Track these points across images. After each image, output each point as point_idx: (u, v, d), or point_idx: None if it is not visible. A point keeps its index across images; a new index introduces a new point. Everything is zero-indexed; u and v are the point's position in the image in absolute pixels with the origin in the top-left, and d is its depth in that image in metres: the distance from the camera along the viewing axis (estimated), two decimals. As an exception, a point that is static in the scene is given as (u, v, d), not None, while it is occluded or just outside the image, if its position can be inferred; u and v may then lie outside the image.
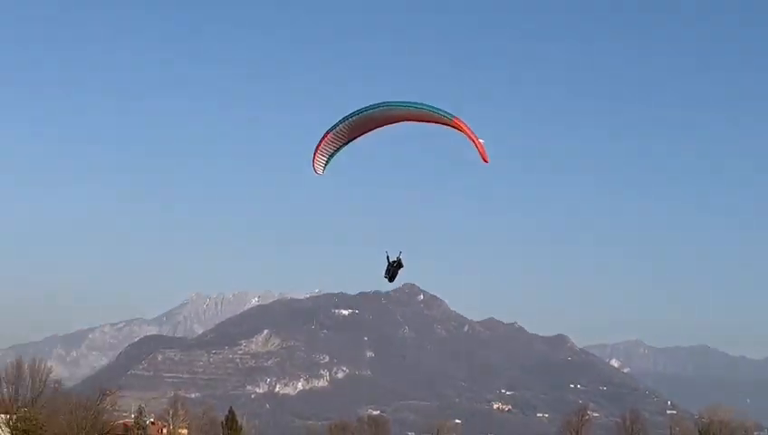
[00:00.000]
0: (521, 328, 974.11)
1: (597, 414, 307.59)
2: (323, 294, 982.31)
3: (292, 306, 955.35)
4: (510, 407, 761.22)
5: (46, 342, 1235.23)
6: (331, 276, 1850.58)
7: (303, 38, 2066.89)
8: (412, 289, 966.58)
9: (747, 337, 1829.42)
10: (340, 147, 47.09)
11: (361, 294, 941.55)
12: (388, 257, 51.02)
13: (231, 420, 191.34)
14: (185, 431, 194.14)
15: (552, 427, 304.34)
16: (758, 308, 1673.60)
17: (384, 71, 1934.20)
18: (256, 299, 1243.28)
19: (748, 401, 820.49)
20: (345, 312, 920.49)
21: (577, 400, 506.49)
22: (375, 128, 45.46)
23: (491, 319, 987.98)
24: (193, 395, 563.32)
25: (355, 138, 46.49)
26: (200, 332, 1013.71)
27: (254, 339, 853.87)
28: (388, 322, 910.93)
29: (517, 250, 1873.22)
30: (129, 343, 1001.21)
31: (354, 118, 44.07)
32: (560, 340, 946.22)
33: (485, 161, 45.29)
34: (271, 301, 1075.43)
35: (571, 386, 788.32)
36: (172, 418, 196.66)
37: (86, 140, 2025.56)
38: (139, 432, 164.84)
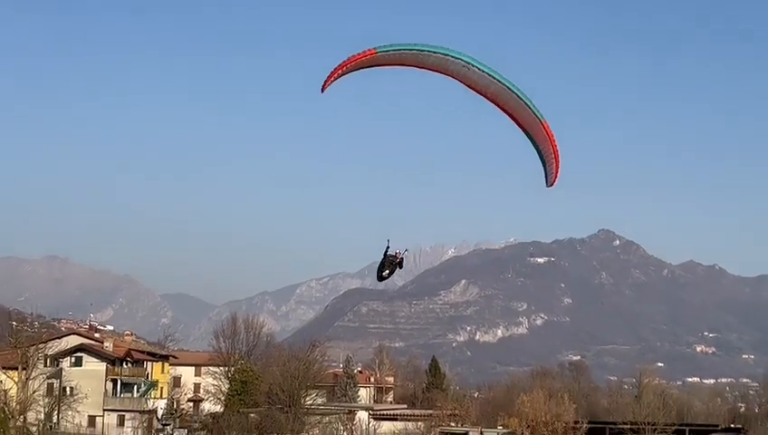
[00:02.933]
0: (722, 270, 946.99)
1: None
2: (518, 243, 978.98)
3: (487, 256, 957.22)
4: (713, 349, 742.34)
5: (258, 298, 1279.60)
6: (525, 225, 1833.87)
7: None
8: (608, 235, 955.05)
9: None
10: (363, 68, 35.59)
11: (556, 241, 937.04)
12: (387, 249, 41.23)
13: (434, 367, 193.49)
14: (391, 379, 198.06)
15: (759, 368, 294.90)
16: None
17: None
18: (453, 250, 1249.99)
19: None
20: (540, 260, 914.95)
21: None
22: (425, 68, 35.17)
23: (690, 262, 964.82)
24: (396, 344, 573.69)
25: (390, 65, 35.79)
26: (400, 284, 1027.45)
27: (452, 289, 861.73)
28: (585, 268, 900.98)
29: (713, 190, 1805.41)
30: (335, 296, 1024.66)
31: (416, 52, 34.22)
32: (763, 280, 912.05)
33: (551, 184, 37.07)
34: (467, 252, 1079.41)
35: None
36: (378, 367, 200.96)
37: (284, 109, 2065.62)
38: (348, 381, 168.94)
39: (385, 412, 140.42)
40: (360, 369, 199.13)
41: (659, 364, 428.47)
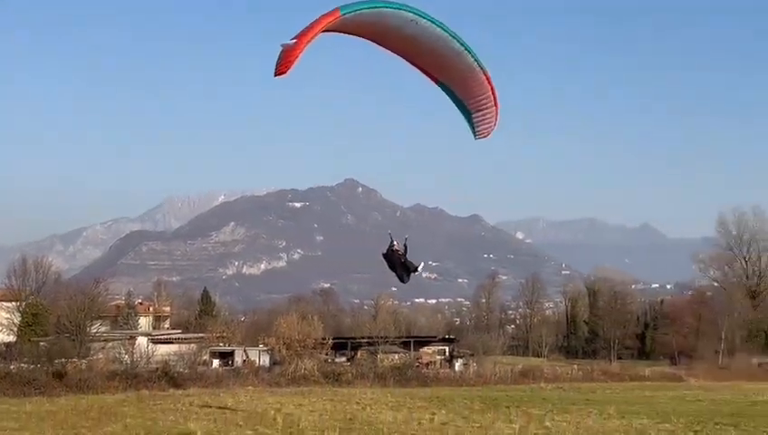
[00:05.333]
0: (442, 211, 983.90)
1: (505, 277, 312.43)
2: (279, 191, 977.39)
3: (253, 202, 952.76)
4: (435, 275, 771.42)
5: (47, 240, 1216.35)
6: (284, 175, 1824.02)
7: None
8: (353, 183, 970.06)
9: (625, 208, 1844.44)
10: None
11: (310, 189, 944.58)
12: (391, 243, 32.45)
13: (205, 297, 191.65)
14: (168, 308, 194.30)
15: (470, 289, 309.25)
16: (632, 181, 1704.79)
17: None
18: (222, 197, 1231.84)
19: (627, 260, 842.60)
20: (297, 204, 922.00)
21: (489, 267, 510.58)
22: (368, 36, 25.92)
23: (417, 205, 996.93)
24: (173, 279, 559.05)
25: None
26: (177, 226, 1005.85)
27: (222, 230, 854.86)
28: (334, 211, 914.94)
29: (432, 142, 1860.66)
30: (118, 238, 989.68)
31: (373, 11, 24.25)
32: (474, 219, 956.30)
33: (489, 133, 29.84)
34: (235, 198, 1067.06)
35: (485, 256, 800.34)
36: (157, 298, 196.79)
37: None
38: (129, 311, 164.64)
39: (162, 337, 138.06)
40: (140, 301, 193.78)
41: (393, 289, 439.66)
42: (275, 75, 22.80)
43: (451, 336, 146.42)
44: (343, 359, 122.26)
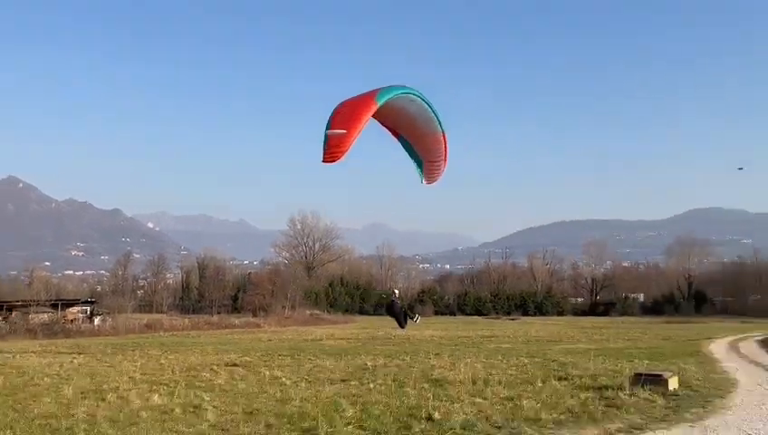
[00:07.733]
0: (90, 204, 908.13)
1: (138, 256, 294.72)
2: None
3: None
4: (83, 253, 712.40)
5: None
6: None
7: None
8: (15, 179, 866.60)
9: (228, 208, 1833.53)
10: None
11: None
12: (393, 295, 24.12)
13: None
14: None
15: (110, 264, 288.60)
16: (234, 190, 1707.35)
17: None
18: None
19: (228, 245, 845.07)
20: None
21: (126, 247, 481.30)
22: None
23: (70, 198, 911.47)
24: None
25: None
26: None
27: None
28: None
29: (93, 136, 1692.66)
30: None
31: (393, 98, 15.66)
32: (116, 211, 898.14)
33: (432, 182, 23.23)
34: None
35: (123, 240, 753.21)
36: None
37: None
38: None
39: None
40: None
41: (47, 263, 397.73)
42: (324, 162, 14.84)
43: (92, 299, 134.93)
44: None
